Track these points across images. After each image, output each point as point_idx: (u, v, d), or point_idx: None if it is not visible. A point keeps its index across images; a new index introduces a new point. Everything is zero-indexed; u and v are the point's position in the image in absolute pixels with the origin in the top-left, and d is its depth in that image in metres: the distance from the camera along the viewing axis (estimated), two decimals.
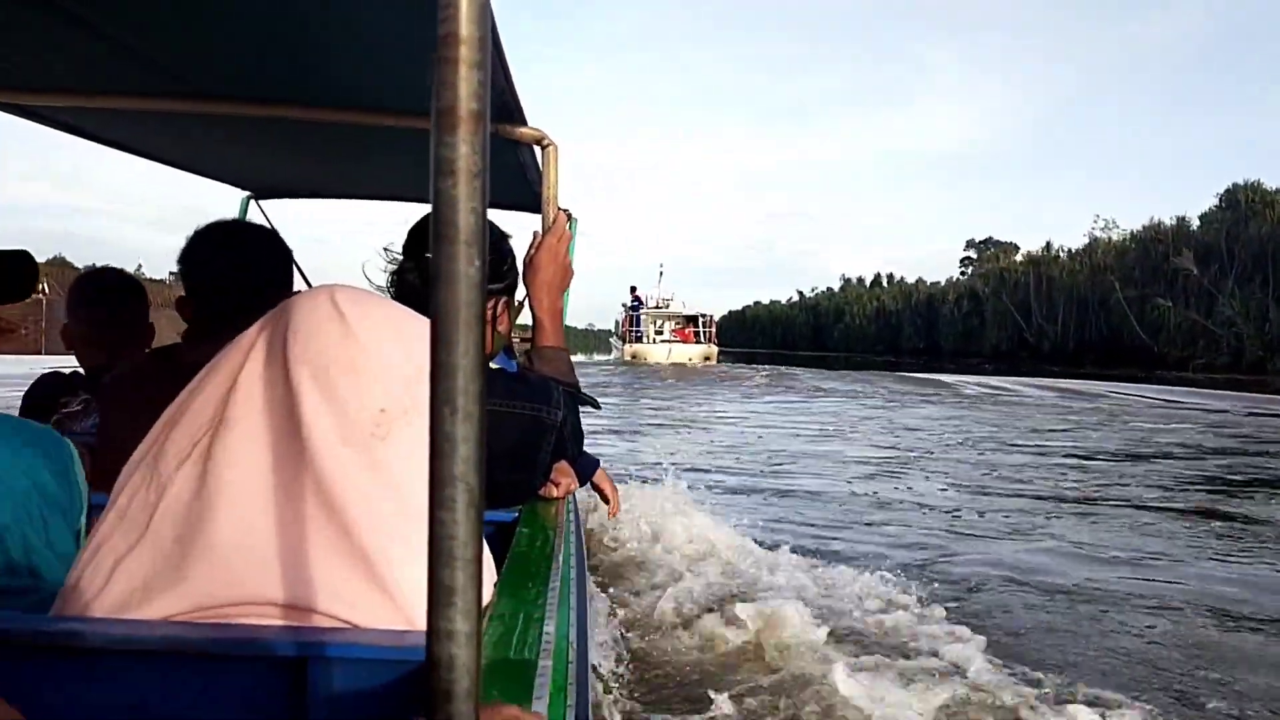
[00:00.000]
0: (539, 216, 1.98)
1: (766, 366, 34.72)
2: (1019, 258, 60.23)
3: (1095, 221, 57.01)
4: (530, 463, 1.46)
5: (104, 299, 2.03)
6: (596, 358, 45.43)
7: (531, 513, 1.37)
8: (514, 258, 1.67)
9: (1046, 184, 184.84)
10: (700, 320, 39.20)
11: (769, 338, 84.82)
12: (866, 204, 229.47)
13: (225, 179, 2.87)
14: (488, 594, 0.92)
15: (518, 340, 2.16)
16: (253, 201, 2.94)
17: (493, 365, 1.58)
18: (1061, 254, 54.12)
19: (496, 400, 1.42)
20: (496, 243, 1.60)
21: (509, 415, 1.43)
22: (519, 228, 1.84)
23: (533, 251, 1.79)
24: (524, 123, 1.85)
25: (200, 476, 0.79)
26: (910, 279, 74.00)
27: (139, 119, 2.03)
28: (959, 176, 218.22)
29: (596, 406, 1.76)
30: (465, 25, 0.38)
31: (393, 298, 1.48)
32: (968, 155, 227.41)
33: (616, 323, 44.27)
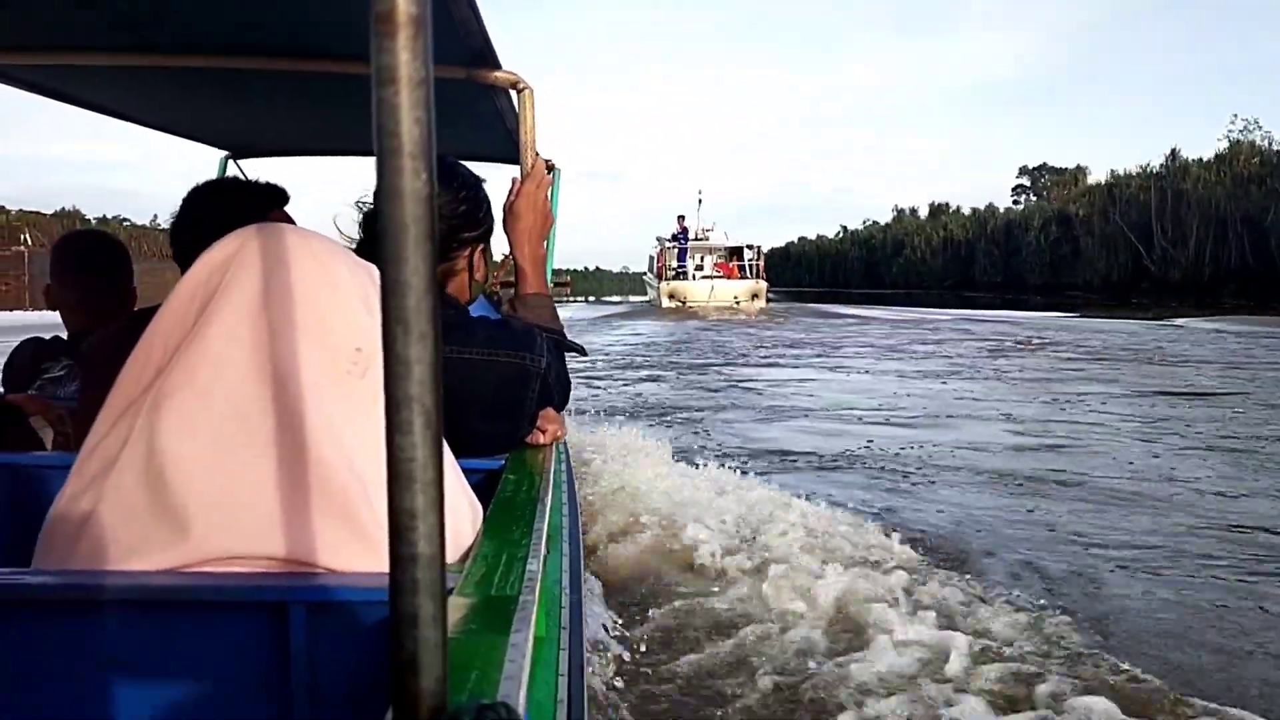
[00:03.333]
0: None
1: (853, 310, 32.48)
2: (1093, 180, 56.33)
3: (1232, 123, 51.18)
4: (515, 411, 1.57)
5: (86, 264, 2.19)
6: (633, 299, 44.81)
7: (518, 460, 1.48)
8: (490, 203, 1.79)
9: (1102, 105, 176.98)
10: (746, 253, 38.00)
11: (817, 275, 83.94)
12: (904, 138, 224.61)
13: (201, 138, 3.03)
14: (472, 536, 0.99)
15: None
16: (231, 161, 3.11)
17: (473, 313, 1.69)
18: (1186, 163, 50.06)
19: (478, 348, 1.54)
20: (474, 188, 1.73)
21: (492, 363, 1.54)
22: (500, 178, 1.96)
23: (512, 199, 1.95)
24: (498, 67, 1.94)
25: (158, 428, 0.85)
26: (961, 211, 70.82)
27: (108, 76, 2.12)
28: (1001, 105, 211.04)
29: (582, 353, 1.89)
30: None
31: (364, 245, 1.58)
32: (1010, 81, 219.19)
33: (651, 258, 43.00)
